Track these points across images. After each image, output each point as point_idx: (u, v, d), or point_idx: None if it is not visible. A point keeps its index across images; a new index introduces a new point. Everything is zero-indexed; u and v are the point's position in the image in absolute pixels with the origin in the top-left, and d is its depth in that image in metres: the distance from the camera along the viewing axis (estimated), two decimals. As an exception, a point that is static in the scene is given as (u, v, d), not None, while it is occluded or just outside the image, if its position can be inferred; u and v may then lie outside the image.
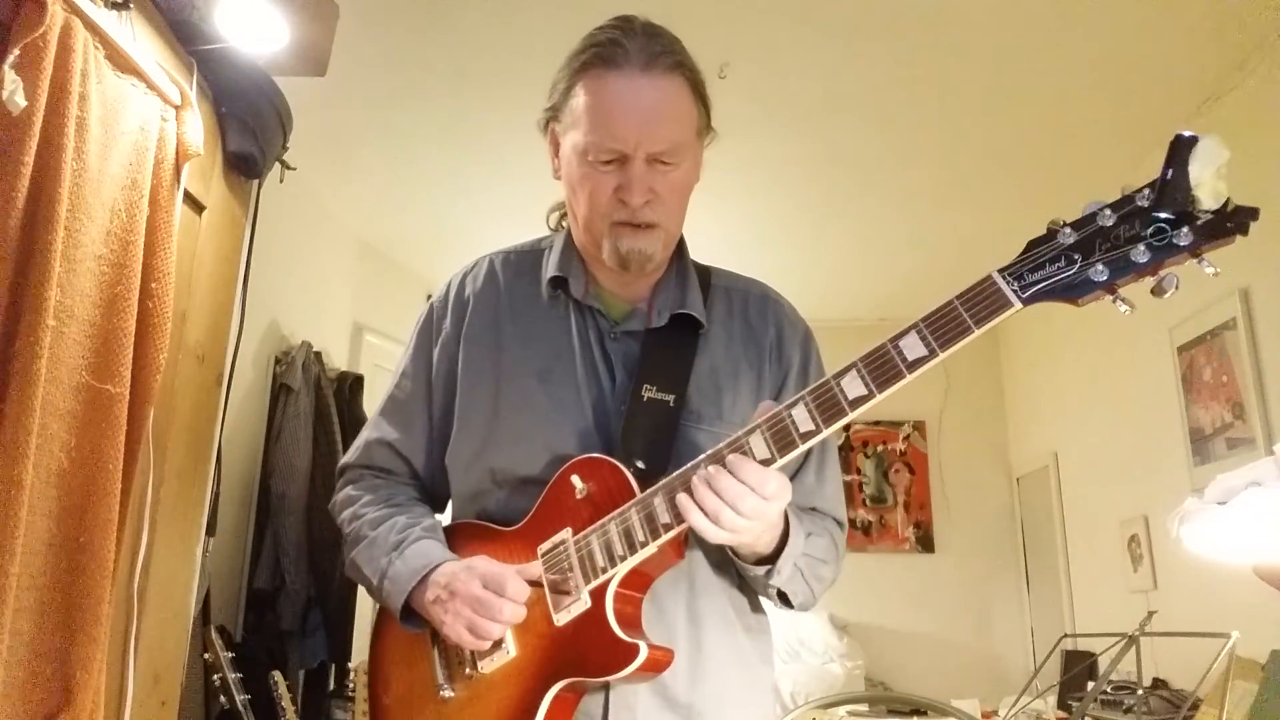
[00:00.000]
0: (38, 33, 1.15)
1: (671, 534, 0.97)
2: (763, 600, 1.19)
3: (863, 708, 3.76)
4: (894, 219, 3.78)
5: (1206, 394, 2.88)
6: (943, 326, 0.88)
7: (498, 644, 1.05)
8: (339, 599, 2.98)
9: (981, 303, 0.87)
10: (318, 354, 3.27)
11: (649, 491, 1.00)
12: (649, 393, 1.10)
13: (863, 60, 2.71)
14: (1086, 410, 3.85)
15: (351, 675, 2.59)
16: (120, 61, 1.37)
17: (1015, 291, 0.86)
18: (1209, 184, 0.79)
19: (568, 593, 1.02)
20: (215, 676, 2.09)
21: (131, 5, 1.40)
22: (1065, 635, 3.11)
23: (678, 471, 0.99)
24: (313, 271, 3.59)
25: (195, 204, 1.65)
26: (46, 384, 1.18)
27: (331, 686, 3.08)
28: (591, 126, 1.07)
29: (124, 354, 1.34)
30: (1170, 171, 0.80)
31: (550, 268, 1.19)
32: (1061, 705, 3.23)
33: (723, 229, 3.78)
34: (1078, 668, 3.24)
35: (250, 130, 1.74)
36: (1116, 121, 2.95)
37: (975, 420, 4.82)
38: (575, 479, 1.05)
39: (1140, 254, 0.81)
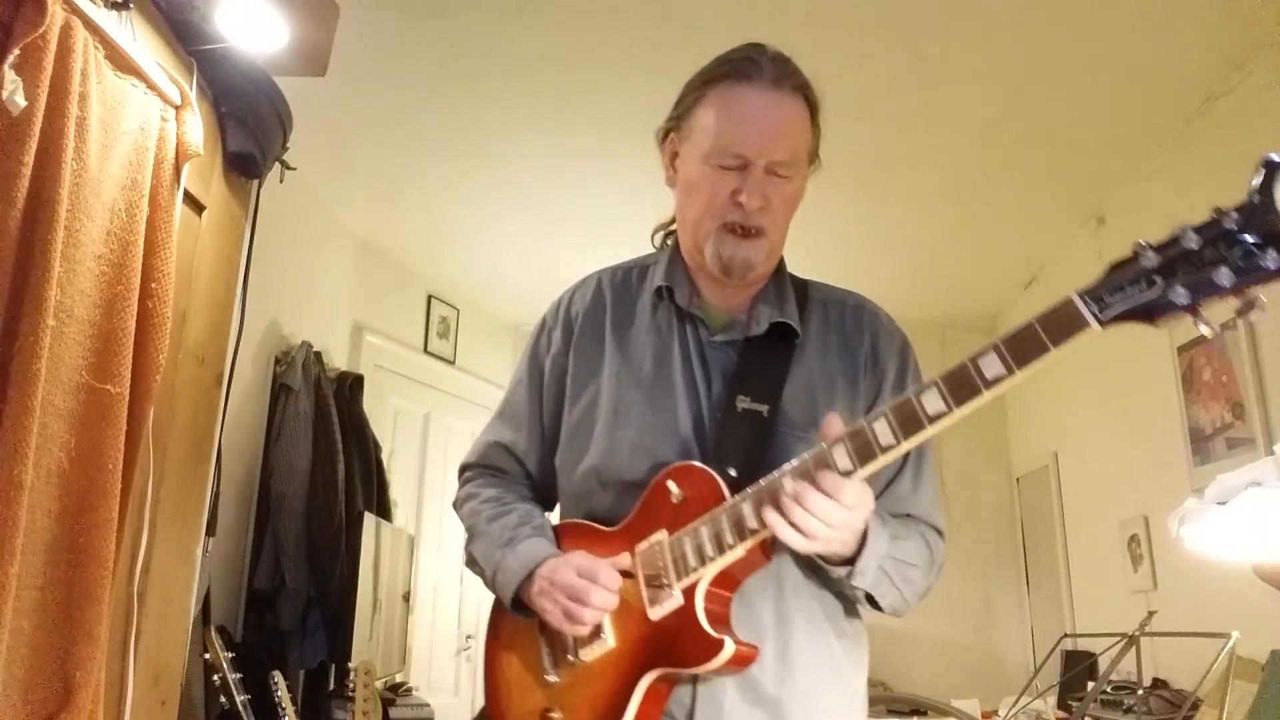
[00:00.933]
0: (38, 33, 1.15)
1: (757, 539, 1.04)
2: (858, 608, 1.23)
3: (863, 708, 3.75)
4: (895, 219, 3.78)
5: (1206, 394, 2.88)
6: (1020, 346, 0.90)
7: (597, 634, 1.13)
8: (339, 599, 2.97)
9: (1059, 324, 0.88)
10: (318, 354, 3.26)
11: (738, 497, 1.05)
12: (743, 404, 1.16)
13: (865, 60, 2.71)
14: (1086, 410, 3.85)
15: (351, 675, 2.59)
16: (120, 61, 1.37)
17: (1094, 314, 0.86)
18: None
19: (662, 589, 1.09)
20: (215, 676, 2.09)
21: (131, 5, 1.40)
22: (1065, 635, 3.12)
23: (765, 480, 1.03)
24: (313, 271, 3.59)
25: (195, 204, 1.65)
26: (46, 384, 1.18)
27: (331, 686, 3.08)
28: (719, 131, 1.15)
29: (124, 354, 1.34)
30: (1259, 197, 0.78)
31: (657, 278, 1.26)
32: (1061, 705, 3.23)
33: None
34: (1078, 668, 3.24)
35: (250, 130, 1.74)
36: (1117, 122, 2.95)
37: (975, 420, 4.71)
38: (671, 484, 1.12)
39: (1224, 276, 0.79)
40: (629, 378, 1.22)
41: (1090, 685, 2.89)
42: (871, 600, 1.14)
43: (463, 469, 1.39)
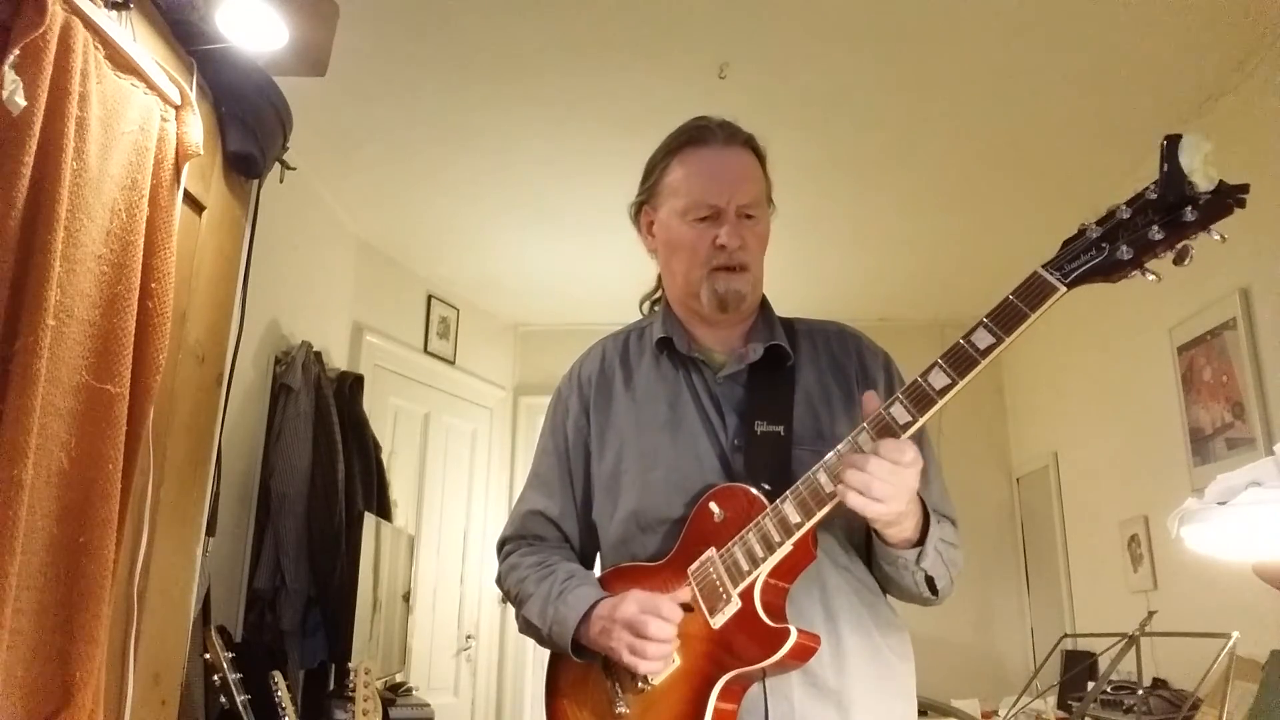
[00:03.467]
0: (38, 33, 1.15)
1: (802, 531, 1.11)
2: (896, 602, 1.30)
3: (863, 708, 3.75)
4: (893, 220, 3.78)
5: (1206, 394, 2.88)
6: (1003, 317, 1.02)
7: None
8: (339, 599, 2.97)
9: (1032, 292, 1.01)
10: (318, 354, 3.26)
11: (778, 500, 1.14)
12: (760, 427, 1.26)
13: (862, 61, 2.72)
14: (1086, 410, 3.85)
15: (351, 675, 2.59)
16: (120, 61, 1.37)
17: (1059, 279, 1.00)
18: (1200, 170, 0.92)
19: (720, 598, 1.16)
20: (215, 676, 2.09)
21: (131, 5, 1.40)
22: (1065, 635, 3.12)
23: (800, 482, 1.12)
24: (313, 271, 3.59)
25: (195, 204, 1.65)
26: (46, 384, 1.18)
27: (331, 686, 3.08)
28: (690, 188, 1.30)
29: (124, 354, 1.34)
30: (1166, 167, 0.94)
31: (656, 332, 1.37)
32: (1061, 705, 3.23)
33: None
34: (1078, 668, 3.24)
35: (250, 130, 1.75)
36: (1116, 122, 2.95)
37: (975, 420, 4.82)
38: (713, 505, 1.21)
39: (1156, 233, 0.95)
40: (649, 424, 1.32)
41: (1090, 685, 2.89)
42: (930, 584, 1.20)
43: (502, 543, 1.45)
